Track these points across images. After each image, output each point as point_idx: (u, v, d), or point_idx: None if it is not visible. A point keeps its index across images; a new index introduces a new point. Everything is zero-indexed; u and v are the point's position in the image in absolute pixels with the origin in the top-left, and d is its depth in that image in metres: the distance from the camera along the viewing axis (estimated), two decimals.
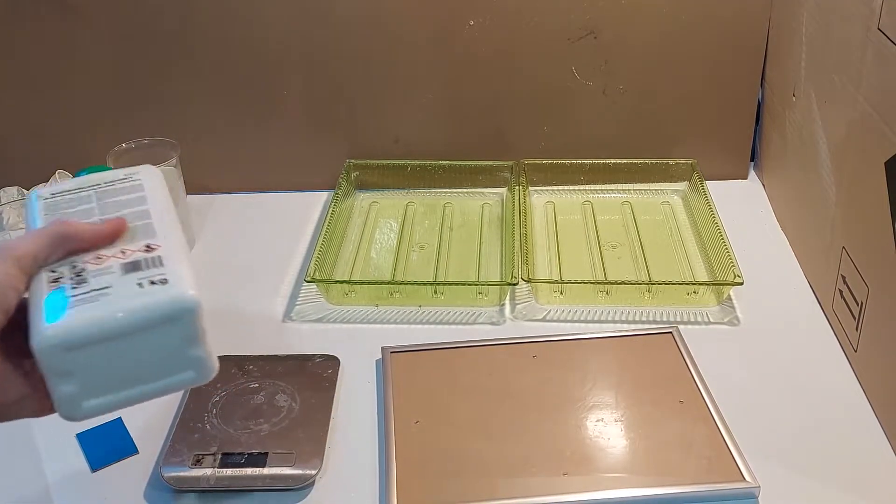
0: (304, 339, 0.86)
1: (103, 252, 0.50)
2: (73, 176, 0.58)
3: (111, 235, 0.50)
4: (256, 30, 1.03)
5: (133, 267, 0.49)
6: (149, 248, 0.50)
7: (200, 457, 0.70)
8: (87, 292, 0.47)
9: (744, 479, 0.68)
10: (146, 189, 0.55)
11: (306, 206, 1.09)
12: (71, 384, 0.47)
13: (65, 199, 0.54)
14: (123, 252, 0.50)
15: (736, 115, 1.09)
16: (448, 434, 0.73)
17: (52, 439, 0.75)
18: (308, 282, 0.89)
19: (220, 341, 0.87)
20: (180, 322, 0.48)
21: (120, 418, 0.76)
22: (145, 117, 1.06)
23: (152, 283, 0.48)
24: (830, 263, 0.85)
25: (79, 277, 0.48)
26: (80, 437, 0.75)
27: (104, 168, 0.58)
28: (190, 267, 0.50)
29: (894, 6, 0.71)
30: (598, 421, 0.74)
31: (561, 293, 0.90)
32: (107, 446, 0.74)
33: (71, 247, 0.49)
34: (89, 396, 0.48)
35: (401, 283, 0.92)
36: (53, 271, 0.49)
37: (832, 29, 0.85)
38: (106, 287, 0.47)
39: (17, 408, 0.48)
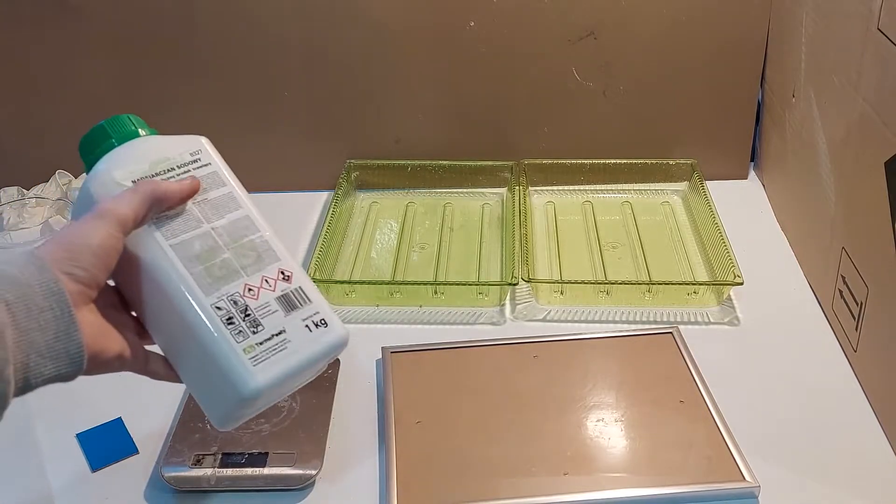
0: None
1: (249, 283, 0.54)
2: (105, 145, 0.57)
3: (191, 193, 0.54)
4: (257, 30, 1.03)
5: (288, 304, 0.55)
6: (285, 277, 0.56)
7: (201, 457, 0.70)
8: (270, 339, 0.53)
9: (744, 479, 0.68)
10: (228, 182, 0.57)
11: (306, 206, 1.09)
12: (249, 410, 0.54)
13: None
14: (267, 281, 0.55)
15: (736, 115, 1.09)
16: (449, 434, 0.73)
17: (53, 439, 0.75)
18: None
19: None
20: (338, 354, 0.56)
21: (120, 418, 0.76)
22: (145, 118, 1.06)
23: (316, 325, 0.55)
24: (830, 263, 0.85)
25: (249, 318, 0.53)
26: (80, 437, 0.75)
27: (129, 121, 0.59)
28: (319, 293, 0.57)
29: (894, 6, 0.71)
30: (598, 421, 0.74)
31: (561, 293, 0.90)
32: (107, 446, 0.74)
33: (162, 207, 0.52)
34: (251, 413, 0.55)
35: (401, 284, 0.92)
36: (219, 308, 0.52)
37: (832, 29, 0.85)
38: (282, 332, 0.53)
39: (118, 362, 0.51)
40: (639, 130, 1.09)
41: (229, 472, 0.69)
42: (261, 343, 0.52)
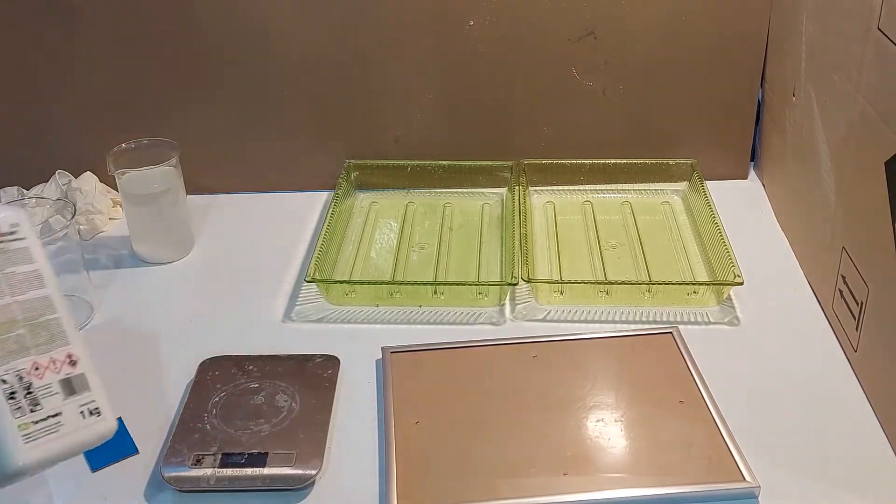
0: (304, 339, 0.86)
1: (38, 361, 0.58)
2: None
3: None
4: (256, 30, 1.03)
5: (69, 388, 0.59)
6: (72, 362, 0.59)
7: (200, 457, 0.70)
8: (46, 419, 0.57)
9: (744, 479, 0.68)
10: (37, 260, 0.61)
11: (306, 206, 1.09)
12: (10, 483, 0.56)
13: None
14: (54, 363, 0.59)
15: (736, 115, 1.09)
16: (448, 434, 0.73)
17: None
18: (308, 282, 0.89)
19: (221, 341, 0.87)
20: None
21: (120, 418, 0.76)
22: (145, 117, 1.06)
23: (91, 413, 0.59)
24: (830, 263, 0.85)
25: (30, 396, 0.57)
26: None
27: None
28: (101, 381, 0.60)
29: (894, 6, 0.71)
30: (598, 421, 0.74)
31: (561, 293, 0.90)
32: (107, 446, 0.73)
33: None
34: (10, 484, 0.57)
35: (401, 284, 0.92)
36: (4, 381, 0.56)
37: (832, 29, 0.85)
38: (59, 414, 0.57)
39: None
40: (639, 130, 1.09)
41: (229, 472, 0.69)
42: (36, 422, 0.56)
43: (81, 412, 0.58)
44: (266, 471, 0.69)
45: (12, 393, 0.56)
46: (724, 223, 0.95)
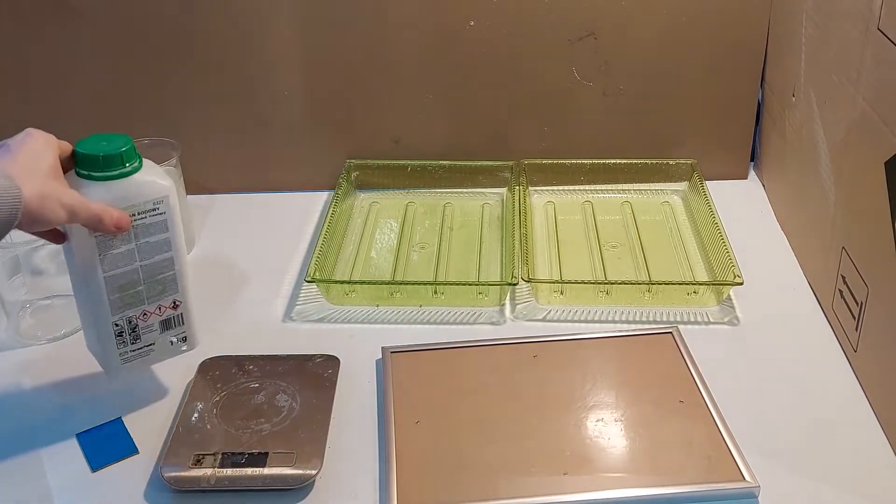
0: (304, 339, 0.86)
1: (147, 309, 0.71)
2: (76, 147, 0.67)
3: (120, 230, 0.66)
4: (257, 30, 1.03)
5: (166, 325, 0.73)
6: (175, 306, 0.73)
7: (200, 457, 0.70)
8: (142, 349, 0.73)
9: (744, 479, 0.68)
10: (170, 228, 0.70)
11: (306, 206, 1.09)
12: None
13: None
14: (160, 309, 0.72)
15: (736, 115, 1.09)
16: (448, 434, 0.73)
17: (52, 439, 0.75)
18: (308, 282, 0.89)
19: (221, 341, 0.87)
20: None
21: (120, 418, 0.76)
22: (145, 117, 1.06)
23: (179, 340, 0.75)
24: (830, 263, 0.85)
25: (134, 333, 0.72)
26: (80, 437, 0.75)
27: (131, 154, 0.68)
28: (195, 312, 0.75)
29: (894, 6, 0.71)
30: (598, 421, 0.74)
31: (561, 293, 0.91)
32: (107, 446, 0.74)
33: (96, 231, 0.66)
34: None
35: (401, 283, 0.92)
36: (117, 325, 0.70)
37: (832, 29, 0.85)
38: (152, 345, 0.73)
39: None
40: (639, 130, 1.09)
41: (229, 472, 0.69)
42: (134, 351, 0.72)
43: (171, 341, 0.74)
44: (266, 471, 0.69)
45: (120, 332, 0.70)
46: (724, 223, 0.95)
